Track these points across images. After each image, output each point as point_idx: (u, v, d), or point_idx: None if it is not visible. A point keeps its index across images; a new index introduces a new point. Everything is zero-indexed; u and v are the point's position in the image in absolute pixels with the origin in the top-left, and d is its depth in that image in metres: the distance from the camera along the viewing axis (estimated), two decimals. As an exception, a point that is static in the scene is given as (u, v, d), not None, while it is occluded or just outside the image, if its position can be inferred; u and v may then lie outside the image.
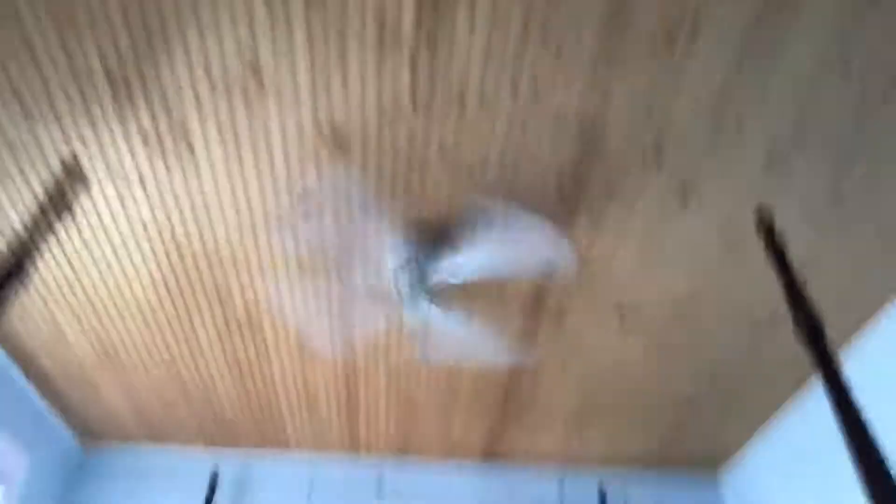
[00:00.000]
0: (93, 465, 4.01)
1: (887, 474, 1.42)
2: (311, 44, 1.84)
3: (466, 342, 2.59)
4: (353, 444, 3.91)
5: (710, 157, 2.13)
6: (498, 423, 3.64)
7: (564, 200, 2.30)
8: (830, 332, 1.73)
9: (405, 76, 1.90)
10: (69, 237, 2.51)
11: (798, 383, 3.15)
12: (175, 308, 2.86)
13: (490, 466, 4.06)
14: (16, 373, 3.32)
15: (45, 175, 2.25)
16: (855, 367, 2.41)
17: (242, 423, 3.75)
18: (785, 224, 2.20)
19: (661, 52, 1.83)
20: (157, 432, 3.88)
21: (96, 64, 1.91)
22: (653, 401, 3.32)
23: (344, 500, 3.93)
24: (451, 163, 2.18)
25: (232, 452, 4.02)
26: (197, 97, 2.01)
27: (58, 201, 2.24)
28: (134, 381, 3.38)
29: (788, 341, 2.05)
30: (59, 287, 2.75)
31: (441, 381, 3.32)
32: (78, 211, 2.40)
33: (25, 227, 2.20)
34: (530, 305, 2.77)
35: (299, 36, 1.82)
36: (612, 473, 4.00)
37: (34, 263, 2.13)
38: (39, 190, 2.29)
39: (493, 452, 3.93)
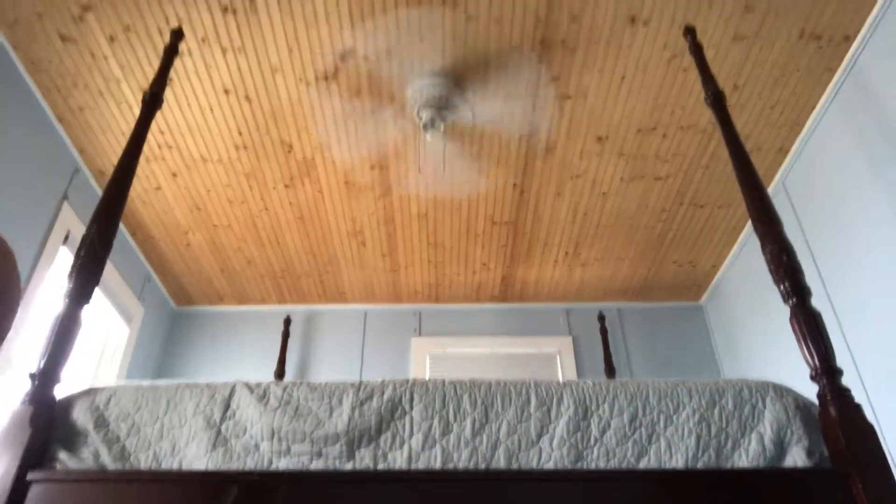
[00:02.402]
0: (187, 319, 4.94)
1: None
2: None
3: (460, 171, 3.38)
4: (396, 296, 4.79)
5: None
6: (510, 261, 4.44)
7: (537, 46, 3.03)
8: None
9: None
10: (166, 101, 3.34)
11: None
12: (248, 160, 3.70)
13: (507, 305, 4.89)
14: (129, 241, 4.25)
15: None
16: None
17: (308, 277, 4.63)
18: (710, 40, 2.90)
19: None
20: (238, 292, 4.80)
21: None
22: (636, 221, 4.06)
23: (390, 334, 4.80)
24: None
25: (300, 309, 4.93)
26: (262, -30, 2.80)
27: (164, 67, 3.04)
28: (219, 238, 4.27)
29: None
30: (158, 146, 3.60)
31: (462, 223, 4.12)
32: (174, 77, 3.22)
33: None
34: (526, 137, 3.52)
35: None
36: (610, 304, 4.78)
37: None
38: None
39: (509, 292, 4.75)
